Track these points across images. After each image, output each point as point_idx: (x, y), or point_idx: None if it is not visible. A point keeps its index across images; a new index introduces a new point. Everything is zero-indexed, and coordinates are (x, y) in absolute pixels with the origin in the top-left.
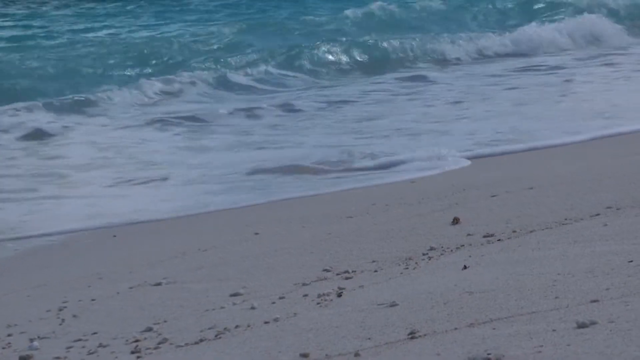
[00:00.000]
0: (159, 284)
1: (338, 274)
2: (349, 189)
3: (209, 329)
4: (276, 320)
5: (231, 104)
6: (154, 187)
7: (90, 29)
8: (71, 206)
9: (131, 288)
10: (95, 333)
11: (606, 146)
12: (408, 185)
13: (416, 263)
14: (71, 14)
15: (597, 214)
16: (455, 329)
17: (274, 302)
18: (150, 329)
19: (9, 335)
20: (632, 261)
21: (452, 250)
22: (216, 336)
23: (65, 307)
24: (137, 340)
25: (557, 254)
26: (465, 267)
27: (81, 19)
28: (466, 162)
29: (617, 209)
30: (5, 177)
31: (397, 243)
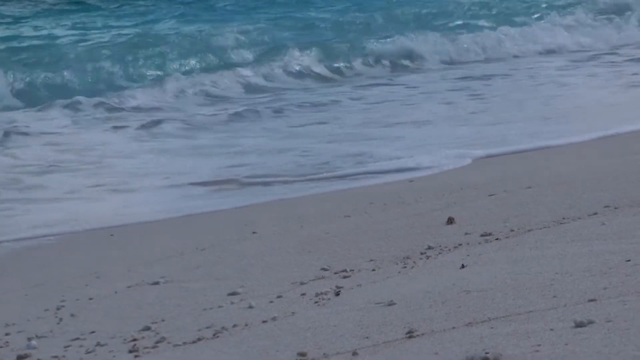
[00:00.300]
0: (157, 283)
1: (336, 273)
2: (345, 189)
3: (207, 328)
4: (274, 319)
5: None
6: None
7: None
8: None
9: (129, 287)
10: (93, 332)
11: (604, 146)
12: (406, 185)
13: (414, 262)
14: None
15: (595, 213)
16: (453, 328)
17: (271, 301)
18: (148, 328)
19: (7, 334)
20: (630, 260)
21: (450, 250)
22: (214, 335)
23: (63, 306)
24: (135, 339)
25: (555, 253)
26: (463, 266)
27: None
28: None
29: (615, 208)
30: None
31: (395, 242)
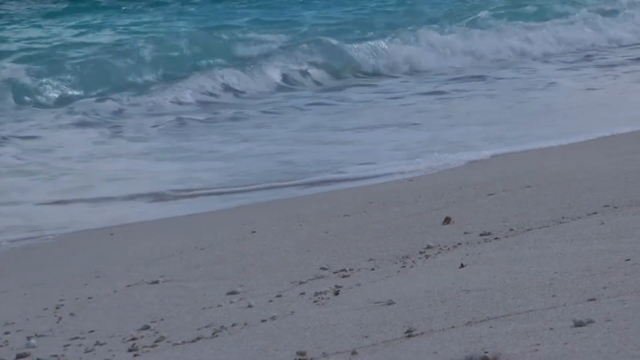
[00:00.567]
0: (156, 282)
1: (335, 273)
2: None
3: (206, 327)
4: (273, 318)
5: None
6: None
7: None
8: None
9: (128, 286)
10: (92, 331)
11: (603, 145)
12: (405, 184)
13: (413, 261)
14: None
15: (595, 213)
16: (453, 327)
17: (271, 301)
18: (147, 327)
19: (7, 333)
20: (629, 260)
21: (449, 249)
22: (213, 334)
23: (63, 305)
24: (134, 339)
25: (555, 252)
26: (462, 266)
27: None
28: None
29: (615, 207)
30: None
31: (394, 241)
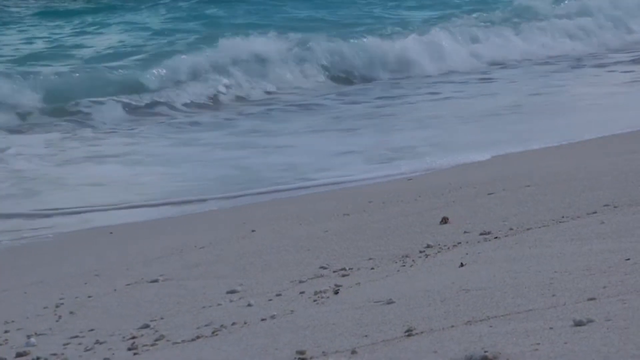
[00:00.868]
0: (156, 281)
1: (335, 272)
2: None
3: (206, 326)
4: (273, 317)
5: None
6: None
7: None
8: None
9: (128, 285)
10: (92, 330)
11: (603, 145)
12: (405, 183)
13: (413, 261)
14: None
15: (594, 212)
16: (452, 326)
17: (270, 300)
18: (147, 326)
19: (6, 331)
20: (629, 259)
21: (448, 248)
22: (213, 333)
23: (62, 304)
24: (134, 337)
25: (554, 252)
26: (462, 265)
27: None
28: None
29: (614, 206)
30: None
31: (393, 240)
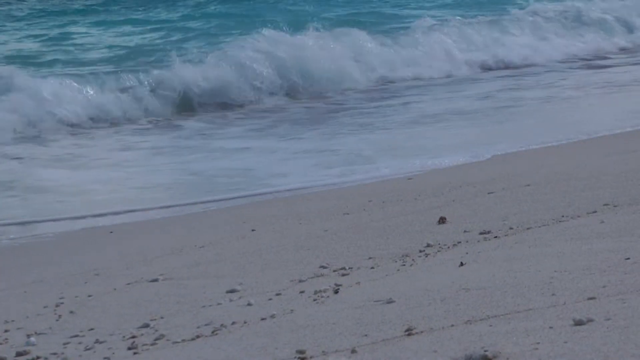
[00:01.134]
0: (156, 280)
1: (335, 271)
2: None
3: (206, 325)
4: (273, 316)
5: None
6: None
7: None
8: None
9: (128, 284)
10: (92, 329)
11: (602, 144)
12: (405, 182)
13: (413, 260)
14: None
15: (594, 211)
16: (452, 325)
17: (270, 299)
18: (147, 325)
19: (6, 331)
20: (629, 258)
21: (448, 247)
22: (213, 332)
23: (62, 303)
24: (133, 337)
25: (554, 251)
26: (462, 264)
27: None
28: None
29: (614, 206)
30: None
31: (393, 240)
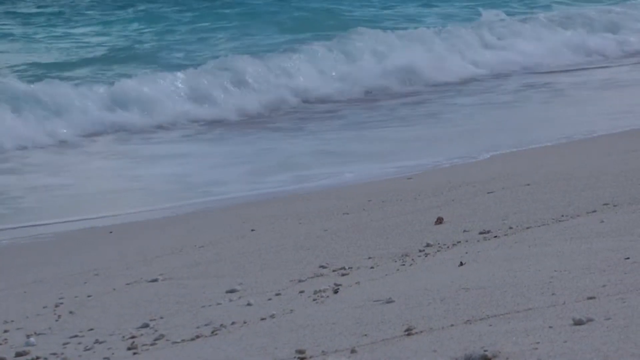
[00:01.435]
0: (155, 280)
1: (334, 271)
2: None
3: (205, 325)
4: (272, 316)
5: None
6: None
7: None
8: None
9: (127, 284)
10: (91, 329)
11: (602, 143)
12: (404, 182)
13: (412, 259)
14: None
15: (594, 211)
16: (452, 325)
17: (270, 299)
18: (146, 325)
19: (6, 331)
20: (628, 258)
21: (448, 247)
22: (212, 332)
23: (62, 303)
24: (133, 337)
25: (554, 250)
26: (461, 264)
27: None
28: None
29: (614, 205)
30: None
31: (393, 239)
